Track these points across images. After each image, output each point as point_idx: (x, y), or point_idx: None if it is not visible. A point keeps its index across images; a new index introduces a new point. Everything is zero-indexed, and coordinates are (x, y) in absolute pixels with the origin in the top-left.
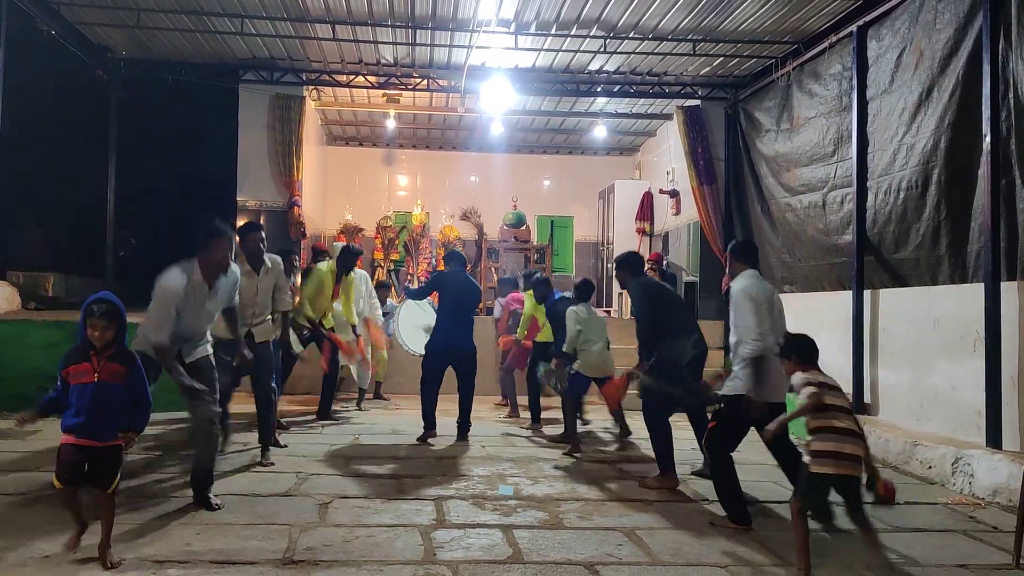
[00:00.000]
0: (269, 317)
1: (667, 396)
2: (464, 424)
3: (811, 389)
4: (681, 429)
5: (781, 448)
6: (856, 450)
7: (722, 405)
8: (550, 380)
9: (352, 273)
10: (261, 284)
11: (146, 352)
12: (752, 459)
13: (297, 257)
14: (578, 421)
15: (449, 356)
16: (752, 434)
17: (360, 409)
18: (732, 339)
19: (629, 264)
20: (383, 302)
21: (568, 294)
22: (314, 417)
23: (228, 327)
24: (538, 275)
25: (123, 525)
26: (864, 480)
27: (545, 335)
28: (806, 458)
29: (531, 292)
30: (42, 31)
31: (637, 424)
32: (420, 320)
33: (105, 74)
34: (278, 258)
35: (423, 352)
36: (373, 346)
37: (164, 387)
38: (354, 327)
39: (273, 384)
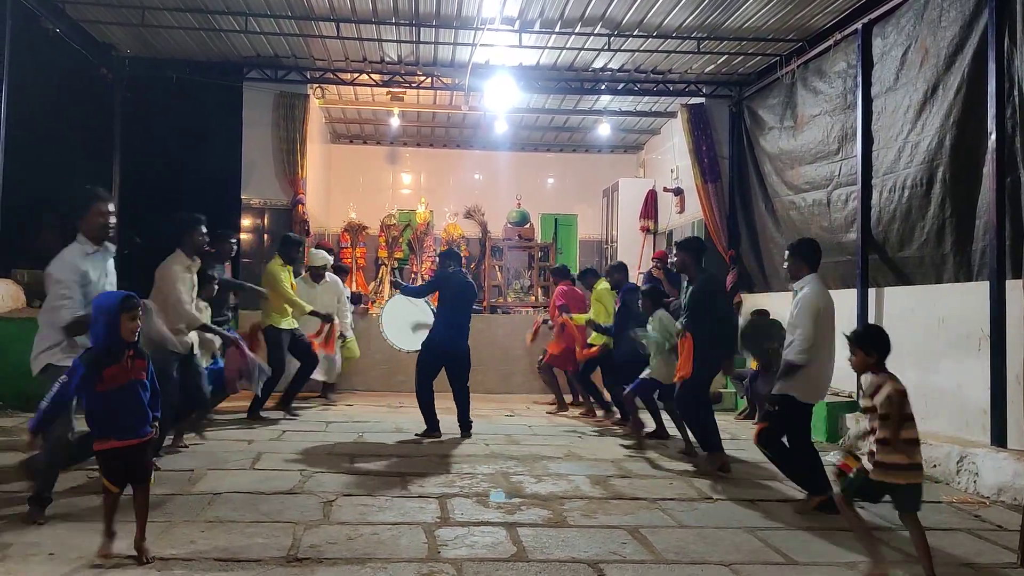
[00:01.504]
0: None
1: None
2: (467, 422)
3: (892, 390)
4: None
5: (800, 449)
6: (920, 458)
7: (775, 407)
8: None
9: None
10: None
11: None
12: (755, 458)
13: (234, 242)
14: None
15: (447, 356)
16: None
17: (328, 399)
18: (788, 337)
19: (695, 250)
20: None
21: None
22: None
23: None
24: (615, 262)
25: (127, 523)
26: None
27: (596, 339)
28: (868, 465)
29: (605, 279)
30: (46, 29)
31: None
32: (407, 317)
33: (109, 72)
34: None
35: (410, 349)
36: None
37: None
38: (324, 316)
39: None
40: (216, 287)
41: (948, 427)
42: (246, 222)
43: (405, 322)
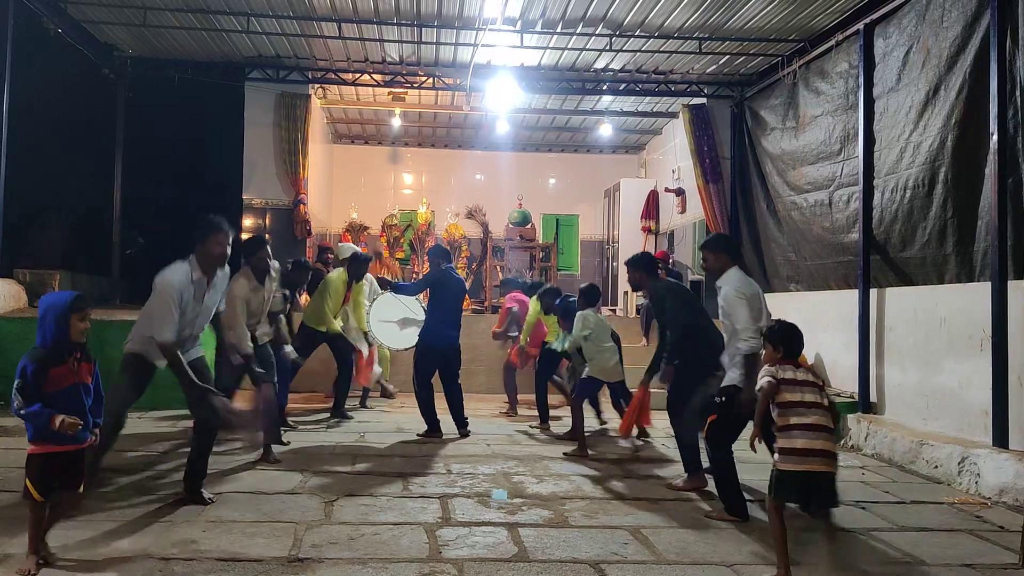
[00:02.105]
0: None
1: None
2: (463, 420)
3: (764, 382)
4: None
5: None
6: (826, 446)
7: (722, 398)
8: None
9: (363, 280)
10: (267, 294)
11: (143, 353)
12: (757, 457)
13: (310, 272)
14: (597, 420)
15: (442, 353)
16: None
17: (365, 407)
18: (725, 335)
19: (644, 265)
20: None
21: (574, 297)
22: (327, 415)
23: (215, 332)
24: (548, 286)
25: (128, 522)
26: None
27: (553, 337)
28: (775, 456)
29: (537, 301)
30: (49, 30)
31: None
32: (392, 314)
33: (112, 73)
34: (276, 263)
35: (401, 348)
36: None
37: (161, 384)
38: (366, 334)
39: (275, 383)
40: (288, 305)
41: (950, 428)
42: (248, 222)
43: (389, 320)
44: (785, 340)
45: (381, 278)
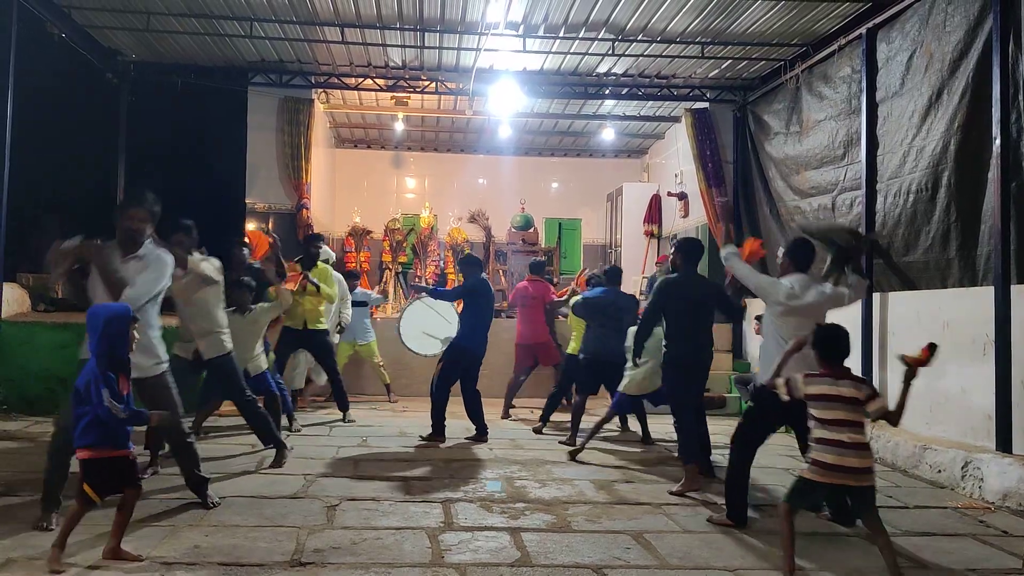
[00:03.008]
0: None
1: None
2: (484, 424)
3: (783, 382)
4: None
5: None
6: (862, 462)
7: (751, 401)
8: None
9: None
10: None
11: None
12: (762, 462)
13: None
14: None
15: (472, 359)
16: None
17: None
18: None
19: (691, 251)
20: (352, 289)
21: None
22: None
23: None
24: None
25: (131, 526)
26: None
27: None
28: (803, 464)
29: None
30: (52, 34)
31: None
32: (424, 323)
33: (115, 77)
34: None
35: (428, 354)
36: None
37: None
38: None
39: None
40: (250, 295)
41: (953, 432)
42: (250, 226)
43: (421, 329)
44: (819, 341)
45: (415, 284)
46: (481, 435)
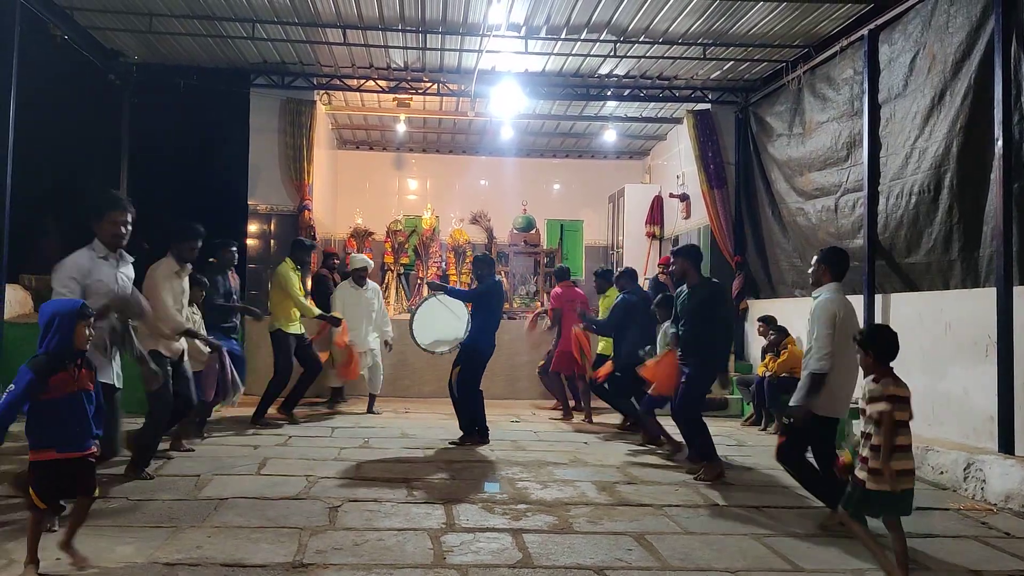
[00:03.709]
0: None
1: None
2: (486, 427)
3: (883, 407)
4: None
5: (824, 462)
6: (912, 464)
7: (790, 420)
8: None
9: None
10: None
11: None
12: (760, 464)
13: (235, 250)
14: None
15: (484, 359)
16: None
17: (373, 412)
18: (806, 347)
19: (693, 256)
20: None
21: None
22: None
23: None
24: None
25: (133, 528)
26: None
27: (606, 347)
28: (861, 474)
29: (612, 290)
30: (55, 36)
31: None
32: (435, 321)
33: (117, 79)
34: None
35: (436, 352)
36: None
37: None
38: (331, 319)
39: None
40: (203, 293)
41: (955, 434)
42: (252, 227)
43: (434, 327)
44: (876, 343)
45: (432, 282)
46: (483, 437)
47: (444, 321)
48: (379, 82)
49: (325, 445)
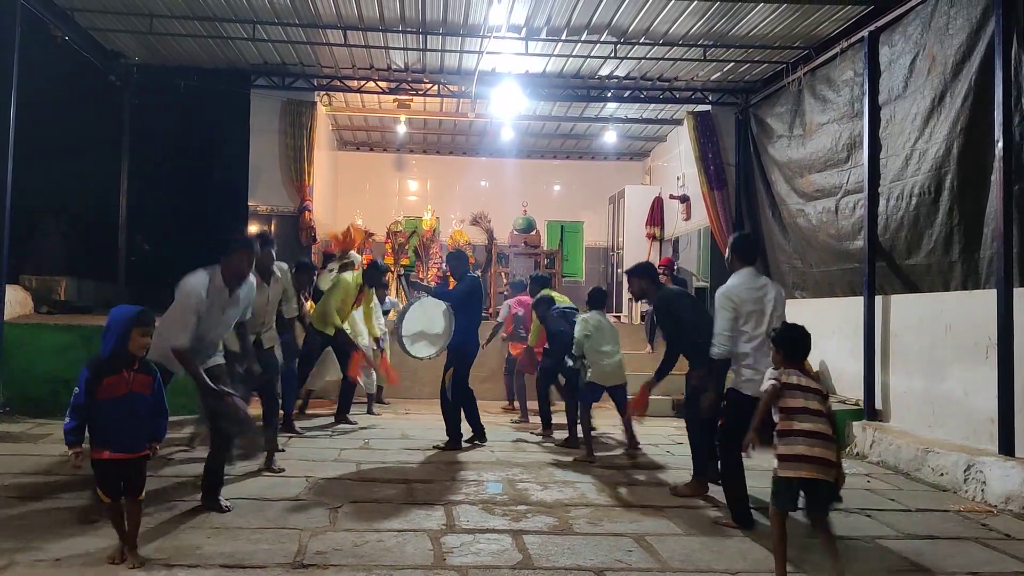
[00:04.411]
0: (275, 325)
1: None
2: (482, 427)
3: (768, 385)
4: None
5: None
6: (825, 453)
7: (724, 403)
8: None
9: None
10: (271, 294)
11: (160, 362)
12: (760, 466)
13: (316, 273)
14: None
15: (471, 358)
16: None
17: (373, 414)
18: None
19: (646, 274)
20: (381, 300)
21: (568, 307)
22: (332, 420)
23: (239, 340)
24: (535, 273)
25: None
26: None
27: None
28: (774, 462)
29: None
30: (55, 37)
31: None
32: (420, 325)
33: (118, 80)
34: (284, 266)
35: (422, 356)
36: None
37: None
38: (377, 340)
39: (279, 390)
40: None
41: (955, 435)
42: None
43: (419, 329)
44: (788, 343)
45: (414, 282)
46: (481, 437)
47: (430, 324)
48: (379, 83)
49: (325, 446)
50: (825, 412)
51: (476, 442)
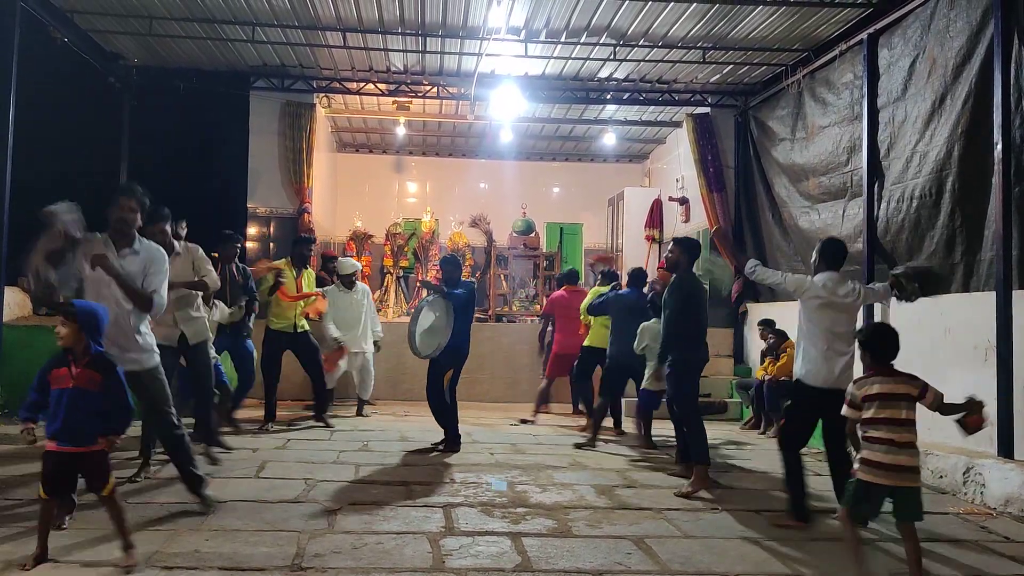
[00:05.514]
0: (203, 315)
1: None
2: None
3: (847, 411)
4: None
5: (835, 454)
6: (912, 461)
7: (788, 401)
8: None
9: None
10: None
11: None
12: (760, 467)
13: (239, 246)
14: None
15: (463, 361)
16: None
17: (363, 416)
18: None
19: (692, 249)
20: (321, 284)
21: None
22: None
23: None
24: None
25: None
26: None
27: (595, 339)
28: (856, 465)
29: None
30: (55, 39)
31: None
32: (428, 324)
33: (117, 81)
34: (195, 247)
35: (425, 355)
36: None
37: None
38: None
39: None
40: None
41: (955, 438)
42: (252, 230)
43: (428, 331)
44: (876, 344)
45: (425, 281)
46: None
47: (435, 324)
48: (379, 85)
49: (324, 448)
50: (909, 419)
51: (447, 448)
